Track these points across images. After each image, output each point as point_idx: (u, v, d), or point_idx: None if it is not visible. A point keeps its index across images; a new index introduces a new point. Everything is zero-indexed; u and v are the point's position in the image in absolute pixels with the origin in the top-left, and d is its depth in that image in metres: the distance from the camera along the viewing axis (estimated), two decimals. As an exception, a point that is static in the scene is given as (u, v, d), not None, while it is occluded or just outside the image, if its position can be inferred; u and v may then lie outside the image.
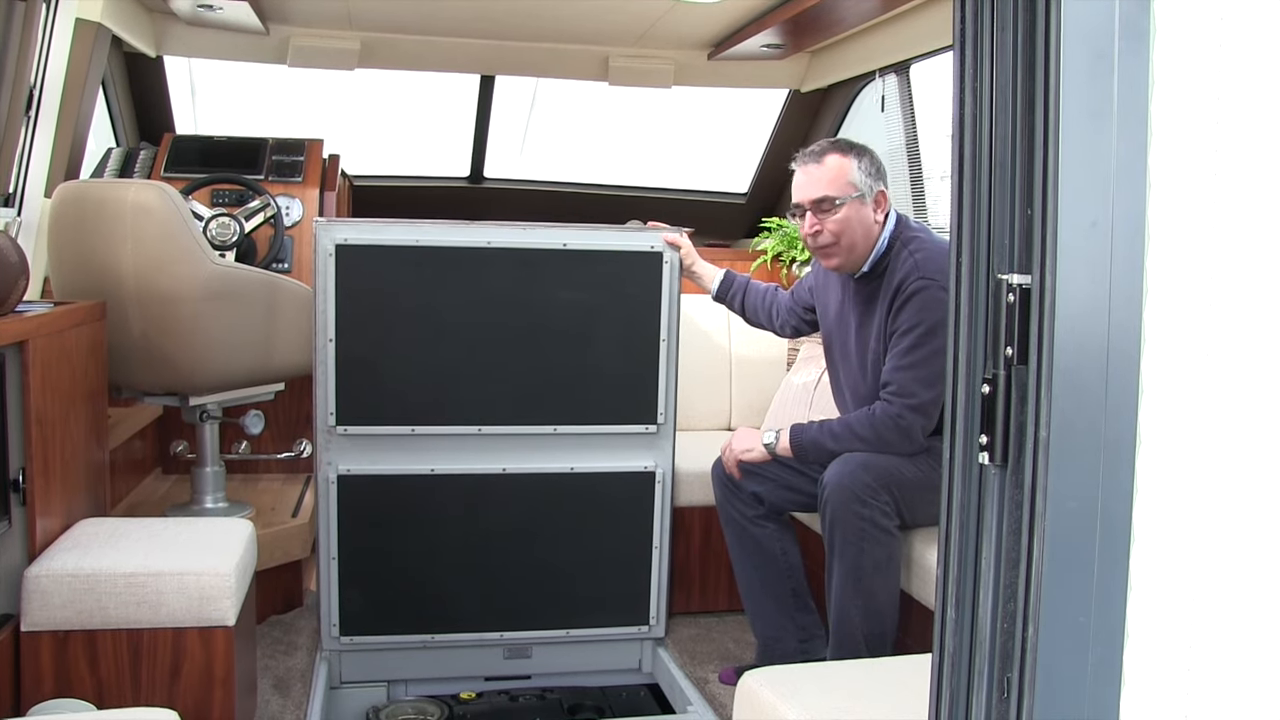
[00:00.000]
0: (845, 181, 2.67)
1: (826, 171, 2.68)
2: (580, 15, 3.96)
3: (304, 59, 4.30)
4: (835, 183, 2.67)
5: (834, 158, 2.69)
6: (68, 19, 3.31)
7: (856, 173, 2.68)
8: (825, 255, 2.75)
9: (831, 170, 2.68)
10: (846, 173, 2.68)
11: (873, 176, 2.70)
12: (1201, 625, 1.11)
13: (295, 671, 2.98)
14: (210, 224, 3.64)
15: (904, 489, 2.58)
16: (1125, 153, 1.07)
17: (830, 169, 2.68)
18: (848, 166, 2.68)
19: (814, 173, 2.70)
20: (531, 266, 2.84)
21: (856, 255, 2.72)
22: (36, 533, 2.24)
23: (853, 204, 2.67)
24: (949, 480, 1.24)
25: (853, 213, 2.67)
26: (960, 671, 1.23)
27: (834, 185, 2.67)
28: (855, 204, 2.67)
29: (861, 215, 2.68)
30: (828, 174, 2.68)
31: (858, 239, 2.69)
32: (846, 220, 2.67)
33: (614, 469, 2.96)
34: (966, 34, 1.20)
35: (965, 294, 1.21)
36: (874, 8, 3.63)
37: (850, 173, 2.68)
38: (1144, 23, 1.06)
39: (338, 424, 2.80)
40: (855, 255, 2.72)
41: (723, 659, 3.17)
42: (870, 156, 2.72)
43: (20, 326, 2.17)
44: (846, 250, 2.71)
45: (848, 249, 2.70)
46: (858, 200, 2.67)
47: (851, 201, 2.67)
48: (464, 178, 5.10)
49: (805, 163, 2.73)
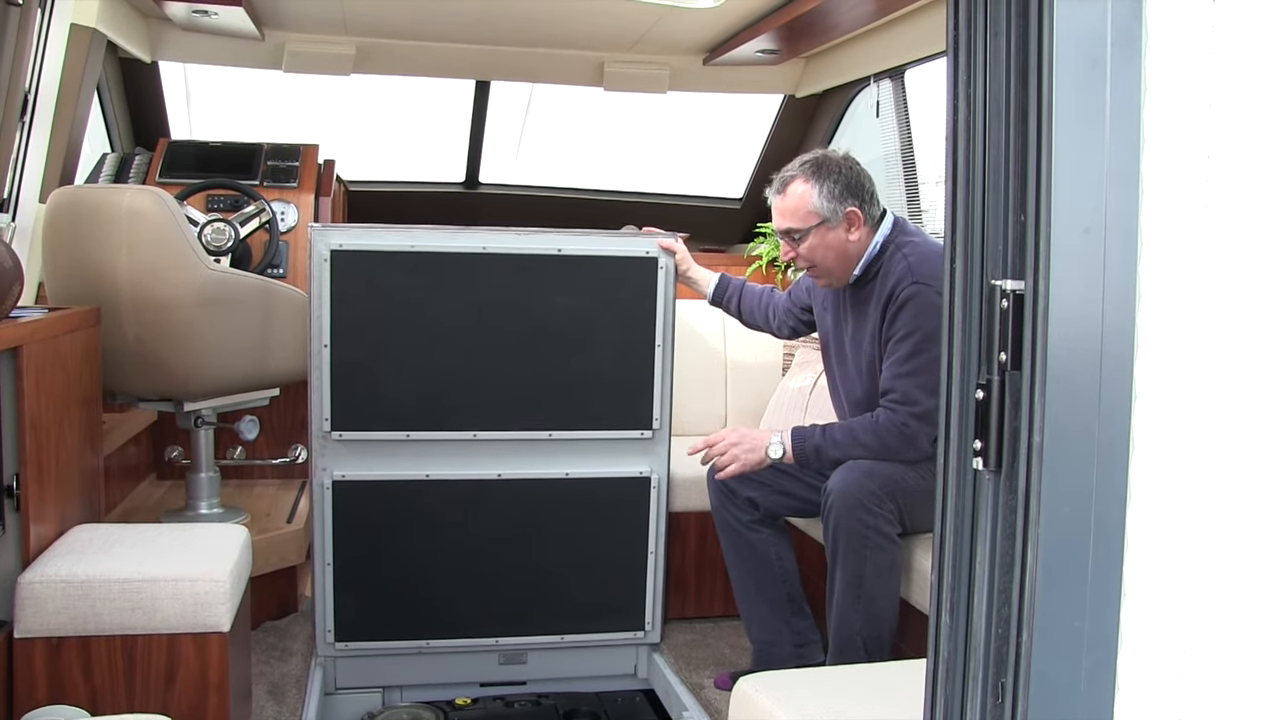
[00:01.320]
0: (806, 211, 2.70)
1: (789, 202, 2.73)
2: (575, 21, 3.97)
3: (299, 64, 4.30)
4: (796, 214, 2.72)
5: (796, 186, 2.71)
6: (63, 24, 3.31)
7: (817, 200, 2.69)
8: (810, 276, 2.86)
9: (793, 201, 2.72)
10: (807, 202, 2.70)
11: (838, 199, 2.68)
12: (1195, 630, 1.11)
13: (290, 677, 2.97)
14: (205, 229, 3.63)
15: (907, 496, 2.59)
16: (1118, 159, 1.07)
17: (791, 200, 2.72)
18: (809, 195, 2.70)
19: (779, 204, 2.76)
20: (527, 272, 2.84)
21: (838, 273, 2.77)
22: (30, 539, 2.23)
23: (817, 231, 2.70)
24: (943, 485, 1.24)
25: (818, 240, 2.71)
26: (955, 677, 1.23)
27: (794, 217, 2.72)
28: (820, 230, 2.70)
29: (829, 240, 2.71)
30: (789, 205, 2.73)
31: (831, 261, 2.74)
32: (814, 248, 2.72)
33: (609, 474, 2.96)
34: (960, 41, 1.21)
35: (959, 299, 1.22)
36: (869, 13, 3.63)
37: (810, 201, 2.69)
38: (1136, 29, 1.07)
39: (333, 429, 2.80)
40: (837, 274, 2.77)
41: (718, 664, 3.17)
42: (835, 177, 2.69)
43: (14, 332, 2.16)
44: (825, 272, 2.77)
45: (826, 271, 2.77)
46: (822, 227, 2.70)
47: (816, 229, 2.70)
48: (459, 183, 5.10)
49: (774, 193, 2.79)
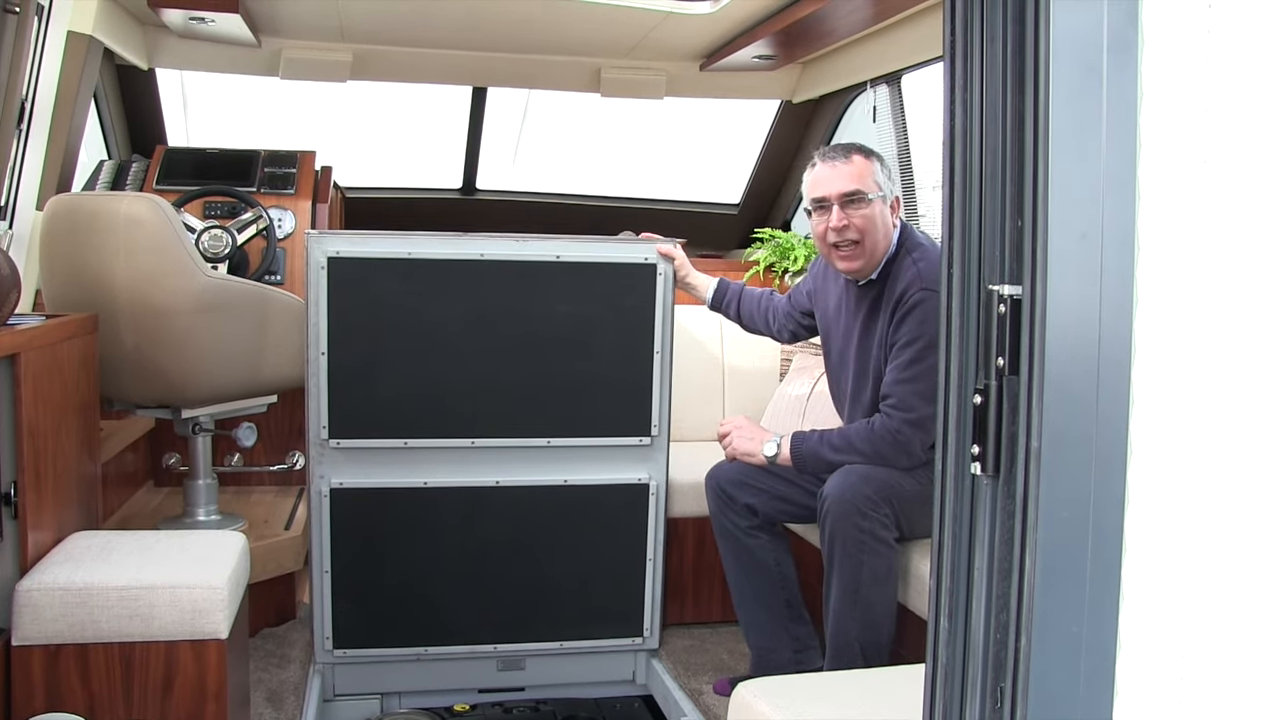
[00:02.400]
0: (872, 180, 2.70)
1: (854, 168, 2.69)
2: (572, 27, 3.97)
3: (296, 71, 4.30)
4: (863, 179, 2.69)
5: (859, 158, 2.71)
6: (60, 31, 3.31)
7: (880, 174, 2.71)
8: (846, 256, 2.72)
9: (859, 167, 2.70)
10: (873, 172, 2.70)
11: (891, 181, 2.74)
12: (1194, 635, 1.11)
13: (288, 684, 2.97)
14: (202, 236, 3.63)
15: (904, 502, 2.59)
16: (1114, 164, 1.08)
17: (858, 166, 2.70)
18: (873, 167, 2.71)
19: (841, 168, 2.70)
20: (524, 278, 2.84)
21: (875, 257, 2.72)
22: (28, 546, 2.23)
23: (878, 202, 2.69)
24: (941, 491, 1.24)
25: (877, 211, 2.69)
26: (953, 682, 1.23)
27: (862, 181, 2.69)
28: (879, 203, 2.69)
29: (884, 216, 2.70)
30: (856, 170, 2.69)
31: (879, 240, 2.70)
32: (871, 218, 2.68)
33: (608, 481, 2.96)
34: (956, 46, 1.21)
35: (956, 305, 1.22)
36: (865, 19, 3.64)
37: (876, 173, 2.71)
38: (1132, 35, 1.07)
39: (330, 437, 2.79)
40: (874, 257, 2.72)
41: (717, 670, 3.17)
42: (884, 163, 2.75)
43: (12, 339, 2.16)
44: (869, 251, 2.70)
45: (870, 249, 2.70)
46: (881, 200, 2.70)
47: (877, 199, 2.69)
48: (456, 189, 5.10)
49: (831, 159, 2.73)
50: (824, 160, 2.74)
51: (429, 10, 3.80)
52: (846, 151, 2.73)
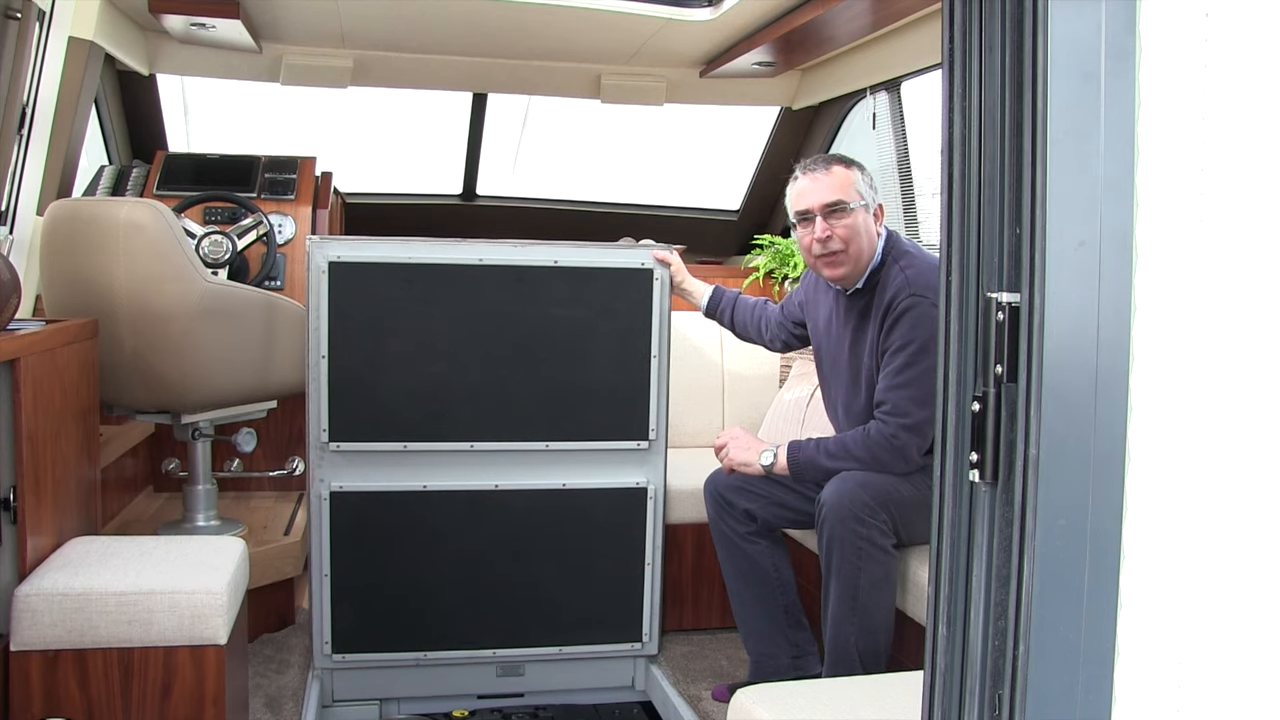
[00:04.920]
0: (854, 189, 2.72)
1: (835, 179, 2.73)
2: (572, 33, 3.98)
3: (297, 77, 4.31)
4: (845, 189, 2.72)
5: (839, 168, 2.74)
6: (61, 37, 3.32)
7: (861, 183, 2.74)
8: (831, 264, 2.74)
9: (840, 178, 2.73)
10: (854, 182, 2.73)
11: (873, 189, 2.77)
12: (1192, 642, 1.11)
13: (287, 690, 2.96)
14: (203, 242, 3.64)
15: (901, 508, 2.59)
16: (1112, 172, 1.08)
17: (838, 177, 2.73)
18: (854, 177, 2.74)
19: (823, 180, 2.73)
20: (523, 284, 2.85)
21: (860, 265, 2.74)
22: (27, 551, 2.23)
23: (860, 211, 2.72)
24: (939, 498, 1.25)
25: (860, 220, 2.72)
26: (952, 689, 1.23)
27: (844, 190, 2.72)
28: (862, 212, 2.72)
29: (867, 224, 2.73)
30: (837, 181, 2.72)
31: (863, 247, 2.73)
32: (854, 227, 2.71)
33: (606, 485, 2.96)
34: (955, 54, 1.21)
35: (955, 312, 1.22)
36: (864, 26, 3.65)
37: (857, 182, 2.74)
38: (1130, 43, 1.08)
39: (330, 441, 2.80)
40: (859, 265, 2.74)
41: (716, 676, 3.16)
42: (865, 172, 2.77)
43: (12, 345, 2.16)
44: (854, 259, 2.73)
45: (854, 257, 2.72)
46: (863, 209, 2.72)
47: (859, 209, 2.72)
48: (456, 195, 5.11)
49: (812, 170, 2.76)
50: (805, 172, 2.78)
51: (430, 16, 3.80)
52: (827, 163, 2.76)
